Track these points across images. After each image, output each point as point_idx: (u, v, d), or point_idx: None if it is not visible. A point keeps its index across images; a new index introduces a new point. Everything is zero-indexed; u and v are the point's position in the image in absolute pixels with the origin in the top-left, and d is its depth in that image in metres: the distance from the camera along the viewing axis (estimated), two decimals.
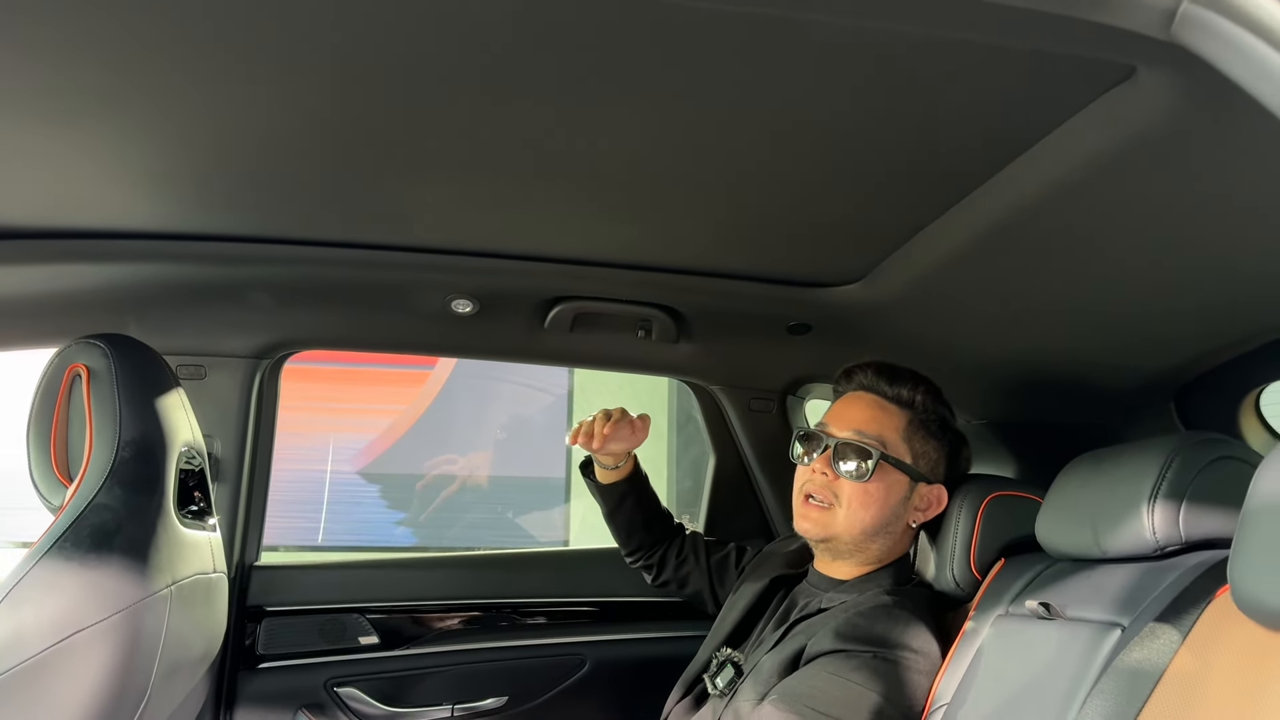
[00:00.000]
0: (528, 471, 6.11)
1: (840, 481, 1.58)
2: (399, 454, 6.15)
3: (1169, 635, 1.07)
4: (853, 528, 1.58)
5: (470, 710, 2.06)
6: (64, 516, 1.36)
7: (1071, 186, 1.20)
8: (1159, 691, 1.03)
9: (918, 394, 1.63)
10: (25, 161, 1.38)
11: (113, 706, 1.31)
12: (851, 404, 1.66)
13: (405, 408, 6.18)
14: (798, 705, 1.36)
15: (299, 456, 5.88)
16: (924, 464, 1.62)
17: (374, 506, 6.27)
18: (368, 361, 6.04)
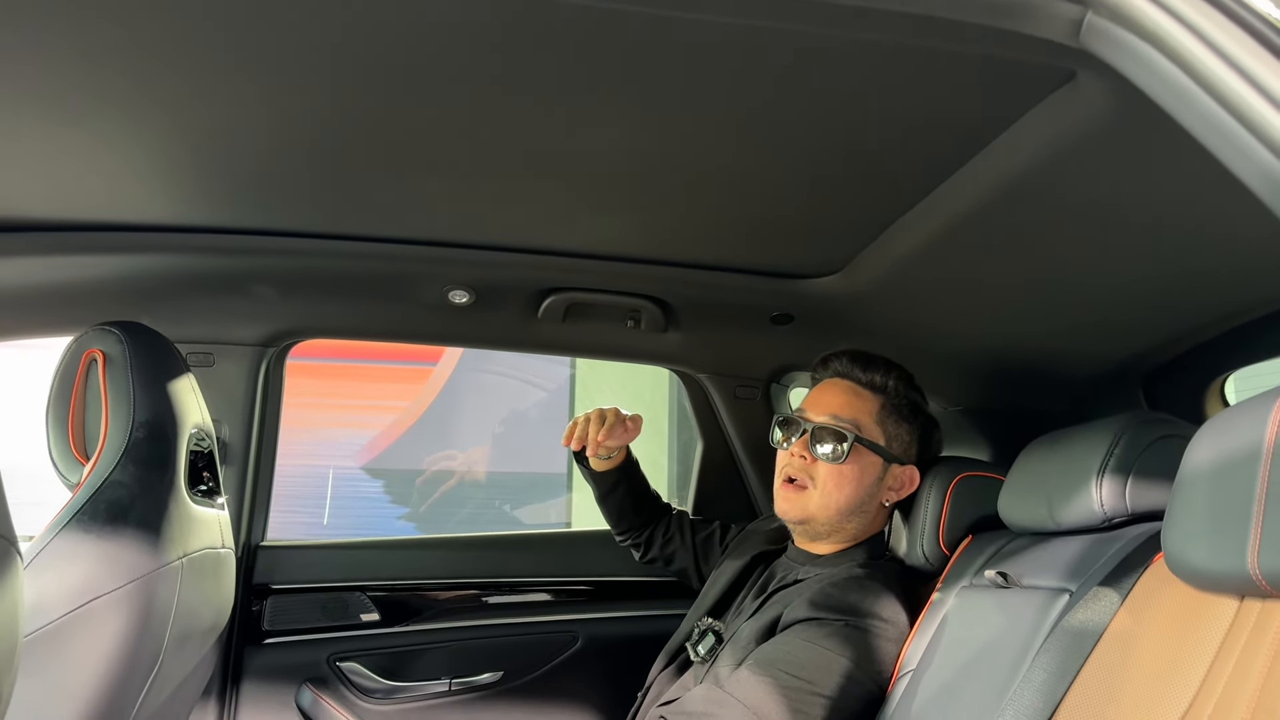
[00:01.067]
0: (529, 467, 6.15)
1: (817, 464, 1.65)
2: (402, 449, 6.19)
3: (1110, 598, 1.14)
4: (828, 508, 1.65)
5: (467, 684, 2.12)
6: (81, 492, 1.43)
7: (1024, 183, 1.27)
8: (1099, 649, 1.10)
9: (890, 379, 1.70)
10: (42, 158, 1.45)
11: (128, 669, 1.37)
12: (828, 390, 1.72)
13: (409, 404, 6.21)
14: (772, 670, 1.43)
15: (304, 452, 5.92)
16: (897, 446, 1.68)
17: (378, 501, 6.31)
18: (372, 358, 6.08)
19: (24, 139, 1.39)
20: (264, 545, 2.13)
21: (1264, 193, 0.64)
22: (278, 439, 2.13)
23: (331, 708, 2.06)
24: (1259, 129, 0.62)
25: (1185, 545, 1.00)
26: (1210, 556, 0.96)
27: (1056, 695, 1.10)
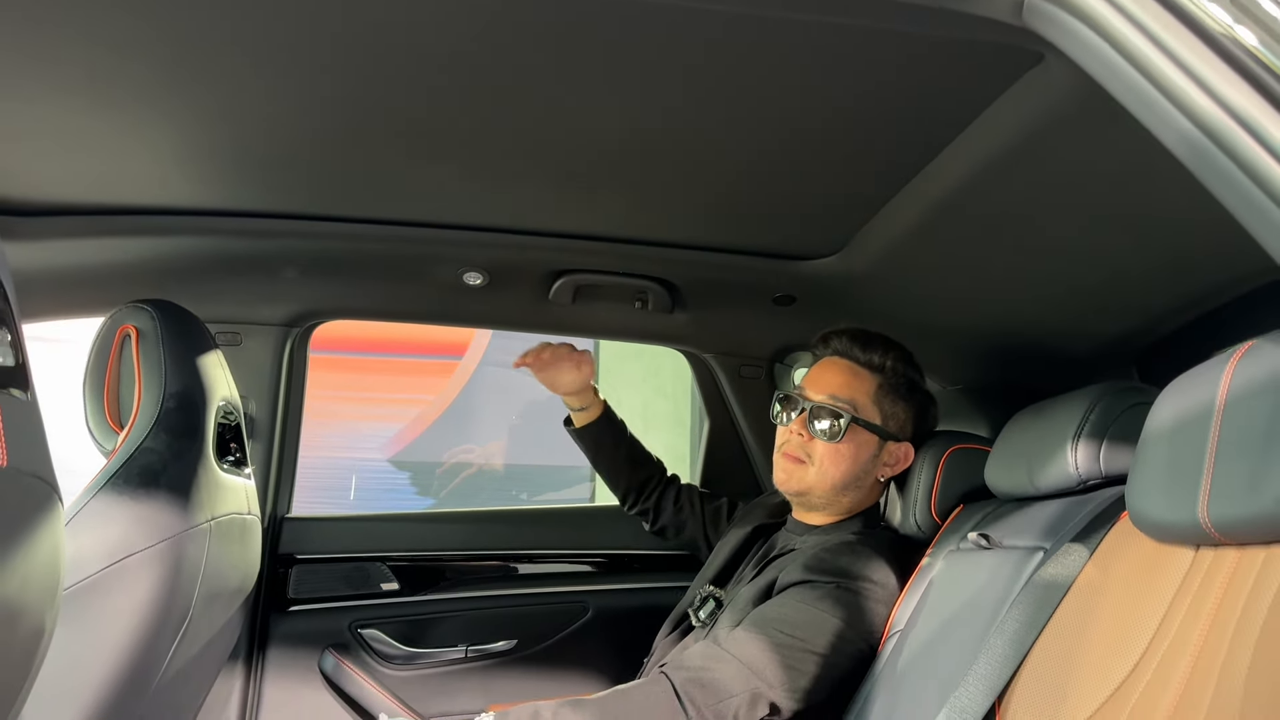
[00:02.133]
0: (553, 459, 6.18)
1: (814, 442, 1.70)
2: (428, 442, 6.23)
3: (1080, 553, 1.19)
4: (824, 483, 1.70)
5: (482, 651, 2.19)
6: (116, 458, 1.50)
7: (1004, 163, 1.32)
8: (1067, 600, 1.15)
9: (888, 359, 1.74)
10: (77, 144, 1.53)
11: (159, 622, 1.45)
12: (827, 369, 1.77)
13: (435, 397, 6.25)
14: (767, 628, 1.48)
15: (330, 444, 5.98)
16: (893, 424, 1.73)
17: (404, 493, 6.38)
18: (397, 352, 6.13)
19: (60, 128, 1.47)
20: (289, 517, 2.21)
21: (1187, 158, 0.70)
22: (302, 415, 2.21)
23: (353, 672, 2.14)
24: (1176, 97, 0.67)
25: (1145, 499, 1.05)
26: (1166, 508, 1.01)
27: (1026, 643, 1.15)
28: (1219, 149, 0.67)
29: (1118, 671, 1.01)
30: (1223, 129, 0.66)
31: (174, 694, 1.61)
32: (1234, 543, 0.95)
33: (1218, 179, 0.68)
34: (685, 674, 1.43)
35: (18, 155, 1.55)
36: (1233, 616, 0.90)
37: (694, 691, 1.40)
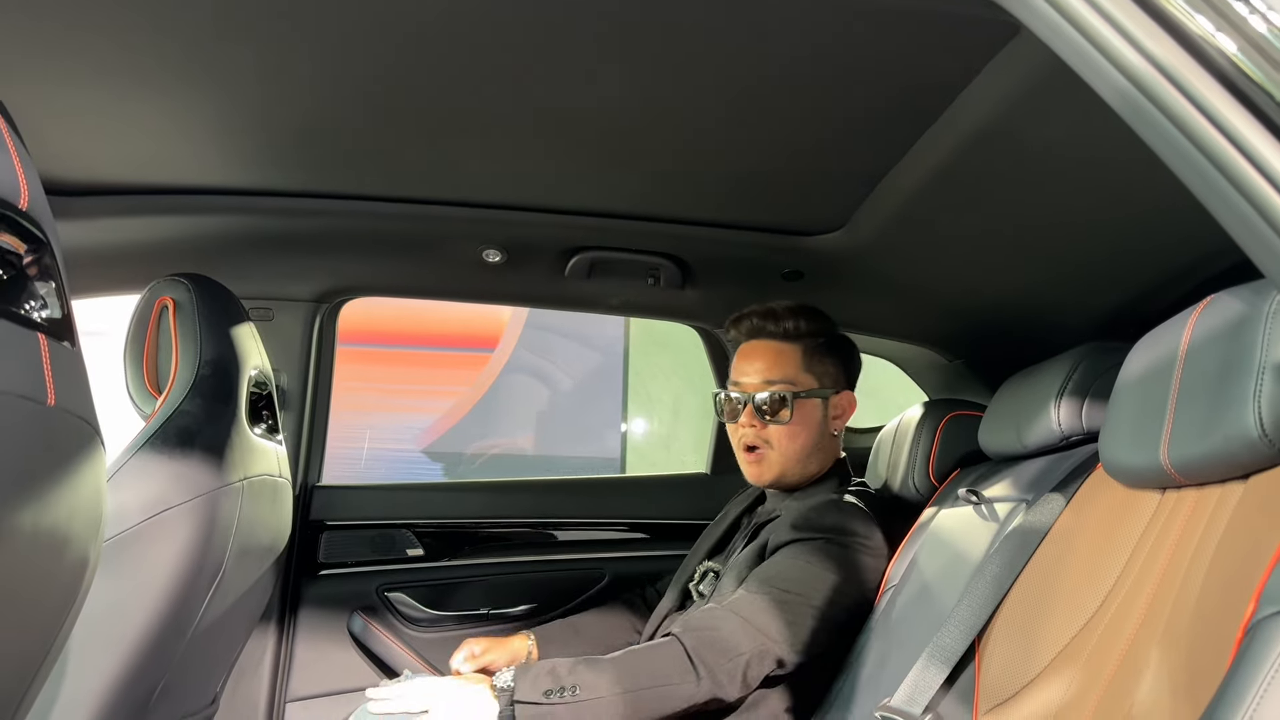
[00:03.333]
0: (584, 450, 6.24)
1: (768, 428, 1.75)
2: (461, 433, 6.30)
3: (1057, 501, 1.24)
4: (790, 459, 1.75)
5: (503, 615, 2.27)
6: (155, 420, 1.59)
7: (993, 133, 1.37)
8: (1044, 545, 1.20)
9: (800, 322, 1.77)
10: (118, 126, 1.61)
11: (194, 572, 1.53)
12: (751, 354, 1.80)
13: (468, 389, 6.33)
14: (765, 587, 1.54)
15: (366, 435, 6.07)
16: (828, 380, 1.78)
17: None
18: (430, 345, 6.22)
19: (100, 110, 1.55)
20: (319, 485, 2.29)
21: (1123, 112, 0.75)
22: (331, 388, 2.29)
23: (380, 633, 2.23)
24: (1110, 54, 0.72)
25: (1115, 446, 1.10)
26: (1133, 454, 1.06)
27: (1005, 585, 1.20)
28: (1150, 103, 0.72)
29: (1087, 608, 1.06)
30: (1152, 83, 0.71)
31: (209, 643, 1.70)
32: (1193, 483, 0.99)
33: (1151, 131, 0.73)
34: (695, 635, 1.48)
35: (64, 137, 1.63)
36: (1189, 551, 0.95)
37: (704, 652, 1.45)
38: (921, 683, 1.19)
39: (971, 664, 1.18)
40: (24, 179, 0.88)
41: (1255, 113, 0.69)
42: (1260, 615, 0.74)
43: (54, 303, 0.93)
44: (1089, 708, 0.96)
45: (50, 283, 0.94)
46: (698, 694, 1.43)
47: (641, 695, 1.42)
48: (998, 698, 1.10)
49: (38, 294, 0.90)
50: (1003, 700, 1.09)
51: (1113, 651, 0.97)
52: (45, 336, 0.88)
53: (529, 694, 1.41)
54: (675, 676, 1.43)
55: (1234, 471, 0.92)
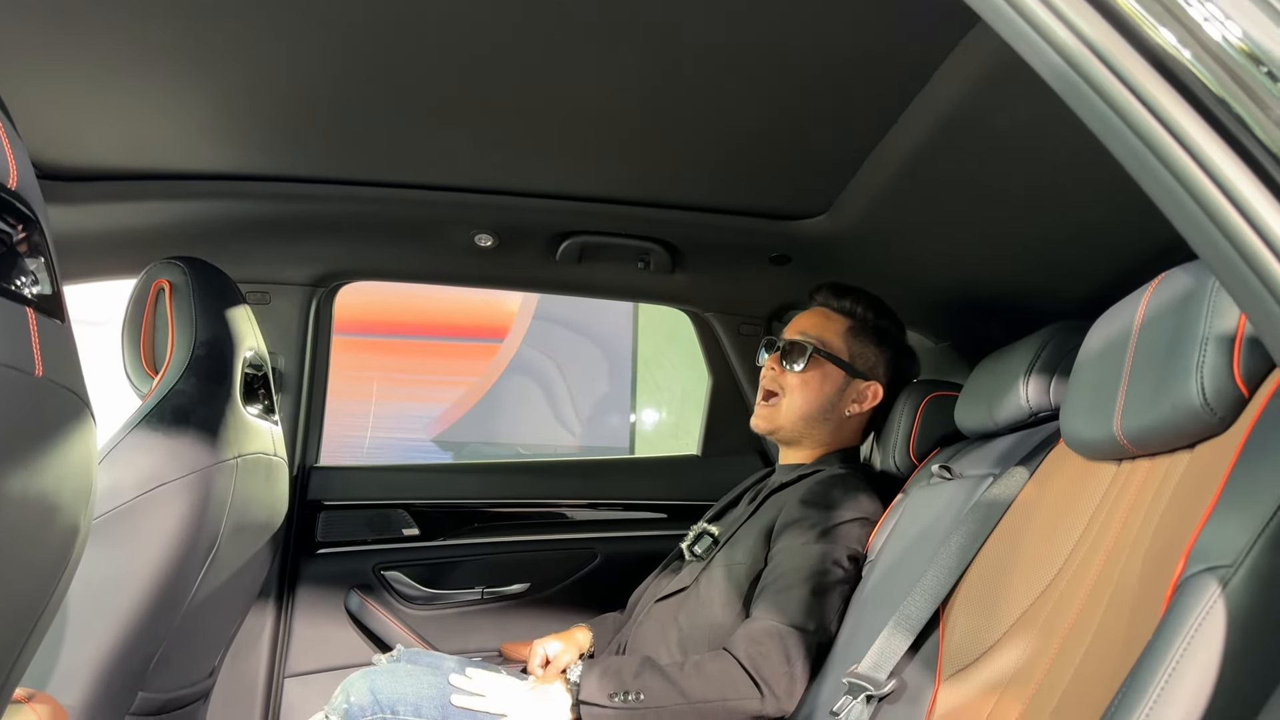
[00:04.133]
0: (594, 441, 6.27)
1: (786, 375, 1.83)
2: (470, 423, 6.33)
3: (1021, 475, 1.26)
4: (793, 413, 1.81)
5: (497, 593, 2.31)
6: (151, 399, 1.62)
7: (964, 117, 1.39)
8: (1007, 516, 1.23)
9: (859, 305, 1.87)
10: (111, 112, 1.64)
11: (189, 546, 1.57)
12: (804, 315, 1.90)
13: (476, 379, 6.36)
14: (791, 586, 1.56)
15: (375, 425, 6.10)
16: (861, 363, 1.83)
17: None
18: (439, 336, 6.25)
19: (99, 97, 1.58)
20: (317, 466, 2.33)
21: (1062, 91, 0.77)
22: (329, 370, 2.32)
23: (377, 611, 2.26)
24: (1045, 33, 0.74)
25: (1074, 420, 1.13)
26: (1089, 425, 1.08)
27: (969, 556, 1.23)
28: (1085, 82, 0.75)
29: (1045, 575, 1.09)
30: (1086, 62, 0.74)
31: (206, 616, 1.73)
32: (1145, 454, 1.02)
33: (1087, 110, 0.76)
34: (747, 649, 1.51)
35: (58, 122, 1.66)
36: (1138, 519, 0.98)
37: (763, 668, 1.48)
38: (887, 650, 1.22)
39: (936, 631, 1.21)
40: (13, 159, 0.91)
41: (1184, 93, 0.71)
42: (1188, 573, 0.77)
43: (43, 279, 0.96)
44: (1041, 670, 0.99)
45: (39, 259, 0.97)
46: (764, 709, 1.48)
47: (705, 707, 1.47)
48: (960, 663, 1.13)
49: (27, 270, 0.94)
50: (964, 665, 1.12)
51: (1065, 616, 1.00)
52: (34, 311, 0.91)
53: (595, 695, 1.47)
54: (741, 691, 1.48)
55: (1181, 441, 0.95)
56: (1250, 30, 0.71)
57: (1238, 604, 0.73)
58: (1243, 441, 0.84)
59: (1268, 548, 0.74)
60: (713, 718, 1.49)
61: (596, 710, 1.47)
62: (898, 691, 1.20)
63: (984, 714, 1.03)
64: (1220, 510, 0.79)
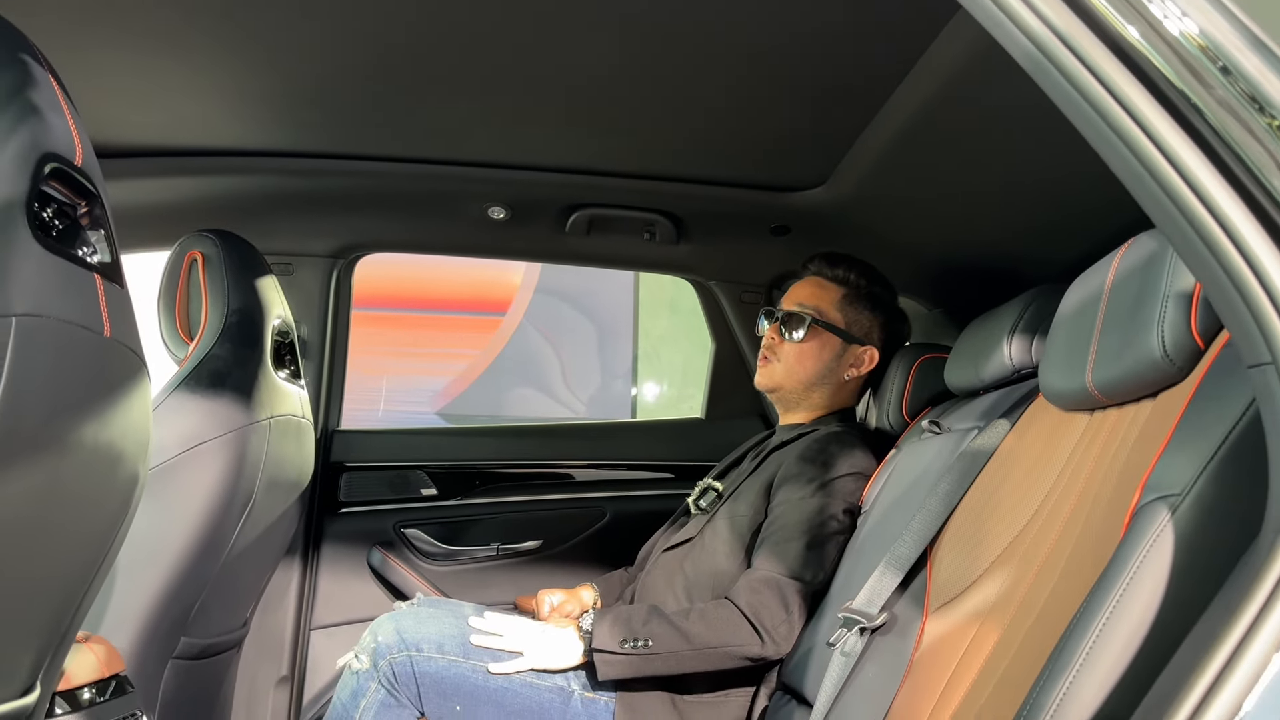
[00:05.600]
0: (597, 413, 6.31)
1: (784, 344, 1.90)
2: (473, 396, 6.38)
3: (1003, 426, 1.35)
4: (791, 377, 1.89)
5: (511, 550, 2.40)
6: (188, 364, 1.71)
7: (953, 94, 1.46)
8: (990, 464, 1.32)
9: (852, 273, 1.93)
10: (143, 92, 1.72)
11: (227, 501, 1.66)
12: (800, 285, 1.97)
13: (480, 352, 6.40)
14: (789, 537, 1.65)
15: (382, 398, 6.14)
16: (856, 329, 1.91)
17: None
18: (442, 309, 6.29)
19: (132, 76, 1.66)
20: (339, 430, 2.42)
21: (1033, 74, 0.85)
22: (349, 338, 2.41)
23: (398, 566, 2.36)
24: (1014, 18, 0.82)
25: (1050, 373, 1.21)
26: (1064, 378, 1.17)
27: (953, 501, 1.32)
28: (1053, 66, 0.82)
29: (1022, 517, 1.17)
30: (1054, 48, 0.81)
31: (241, 569, 1.83)
32: (1115, 403, 1.10)
33: (1057, 92, 0.83)
34: (748, 598, 1.59)
35: (98, 103, 1.74)
36: (1107, 460, 1.06)
37: (763, 615, 1.57)
38: (879, 587, 1.31)
39: (924, 569, 1.30)
40: (78, 138, 1.00)
41: (1140, 77, 0.79)
42: (1143, 502, 0.86)
43: (104, 248, 1.05)
44: (1018, 599, 1.08)
45: (102, 230, 1.05)
46: (764, 652, 1.57)
47: (709, 653, 1.57)
48: (945, 597, 1.22)
49: (91, 241, 1.02)
50: (950, 599, 1.21)
51: (1040, 551, 1.09)
52: (100, 277, 1.00)
53: (606, 642, 1.57)
54: (742, 637, 1.57)
55: (1145, 390, 1.03)
56: (1205, 26, 0.78)
57: (1184, 528, 0.81)
58: (1195, 386, 0.92)
59: (1212, 478, 0.82)
60: (715, 661, 1.58)
61: (608, 656, 1.57)
62: (889, 624, 1.29)
63: (967, 640, 1.12)
64: (1172, 446, 0.88)
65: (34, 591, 1.00)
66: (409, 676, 1.59)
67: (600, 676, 1.58)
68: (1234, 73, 0.76)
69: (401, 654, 1.60)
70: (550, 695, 1.62)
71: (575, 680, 1.64)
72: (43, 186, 0.91)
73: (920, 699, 1.12)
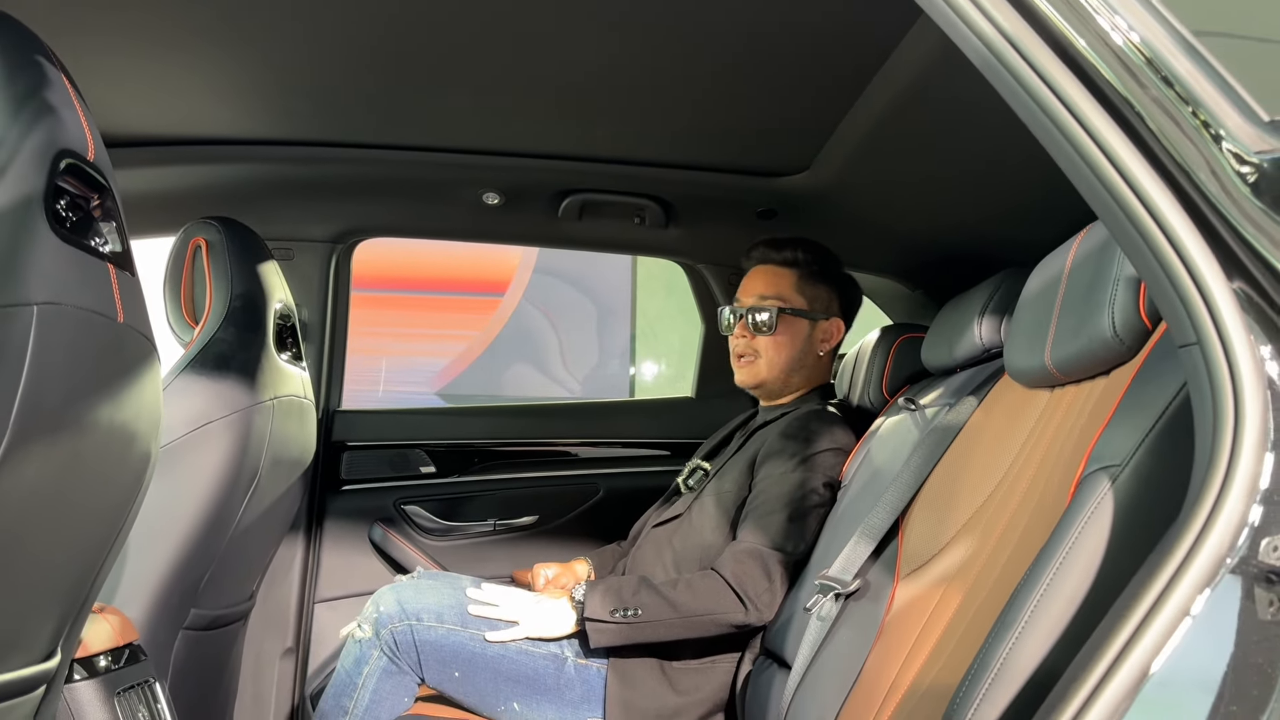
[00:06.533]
0: (595, 393, 6.35)
1: (757, 339, 1.94)
2: (472, 377, 6.40)
3: (971, 403, 1.41)
4: (773, 369, 1.94)
5: (508, 525, 2.46)
6: (194, 347, 1.76)
7: (927, 86, 1.51)
8: (958, 439, 1.38)
9: (799, 253, 1.96)
10: (149, 85, 1.77)
11: (233, 478, 1.72)
12: (752, 277, 1.99)
13: (478, 333, 6.43)
14: (771, 510, 1.71)
15: (381, 379, 6.17)
16: (818, 305, 1.96)
17: None
18: (441, 290, 6.31)
19: (135, 66, 1.71)
20: (340, 410, 2.48)
21: (985, 72, 0.90)
22: (348, 321, 2.46)
23: (399, 541, 2.42)
24: (965, 18, 0.87)
25: (1014, 352, 1.27)
26: (1026, 357, 1.22)
27: (924, 474, 1.38)
28: (1001, 65, 0.87)
29: (987, 487, 1.23)
30: (1002, 49, 0.86)
31: (247, 543, 1.89)
32: (1071, 380, 1.16)
33: (1005, 89, 0.89)
34: (734, 569, 1.66)
35: (103, 93, 1.79)
36: (1063, 435, 1.12)
37: (747, 585, 1.64)
38: (853, 555, 1.38)
39: (896, 538, 1.37)
40: (90, 134, 1.05)
41: (1080, 77, 0.84)
42: (1087, 472, 0.92)
43: (116, 239, 1.10)
44: (978, 565, 1.14)
45: (113, 222, 1.11)
46: (747, 619, 1.63)
47: (696, 620, 1.63)
48: (915, 564, 1.28)
49: (103, 232, 1.08)
50: (918, 566, 1.27)
51: (1000, 520, 1.15)
52: (112, 266, 1.06)
53: (598, 612, 1.64)
54: (727, 605, 1.64)
55: (1098, 368, 1.09)
56: (1146, 35, 0.83)
57: (1123, 498, 0.87)
58: (1139, 364, 0.98)
59: (1150, 450, 0.88)
60: (702, 629, 1.65)
61: (600, 625, 1.63)
62: (862, 590, 1.35)
63: (933, 604, 1.18)
64: (1115, 420, 0.94)
65: (56, 561, 1.06)
66: (409, 645, 1.66)
67: (592, 644, 1.65)
68: (1166, 73, 0.81)
69: (402, 623, 1.66)
70: (545, 662, 1.69)
71: (569, 648, 1.71)
72: (58, 181, 0.96)
73: (890, 659, 1.18)
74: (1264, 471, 0.73)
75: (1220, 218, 0.77)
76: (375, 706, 1.67)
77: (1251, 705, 0.71)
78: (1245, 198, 0.77)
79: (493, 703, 1.68)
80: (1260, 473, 0.73)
